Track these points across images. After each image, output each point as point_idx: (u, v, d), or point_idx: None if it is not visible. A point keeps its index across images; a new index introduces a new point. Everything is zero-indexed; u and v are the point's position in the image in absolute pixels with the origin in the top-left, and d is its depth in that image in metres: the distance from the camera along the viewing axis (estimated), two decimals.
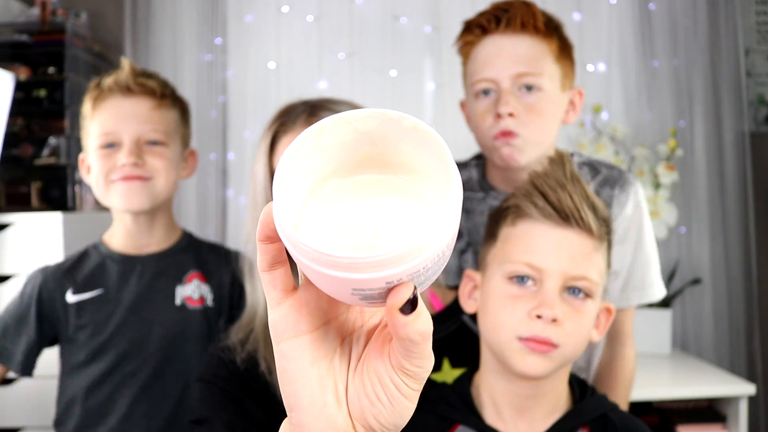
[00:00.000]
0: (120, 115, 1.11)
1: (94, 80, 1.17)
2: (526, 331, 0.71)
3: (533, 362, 0.71)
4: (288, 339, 0.38)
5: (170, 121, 1.17)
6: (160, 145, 1.13)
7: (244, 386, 0.87)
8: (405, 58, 2.30)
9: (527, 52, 1.02)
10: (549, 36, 1.04)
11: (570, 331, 0.71)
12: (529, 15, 1.03)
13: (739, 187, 2.27)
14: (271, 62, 2.32)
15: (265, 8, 2.32)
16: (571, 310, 0.71)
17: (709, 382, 1.86)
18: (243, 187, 2.31)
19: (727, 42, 2.27)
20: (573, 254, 0.71)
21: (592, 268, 0.71)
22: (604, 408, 0.79)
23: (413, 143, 0.37)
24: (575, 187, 0.72)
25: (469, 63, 1.08)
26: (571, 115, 1.13)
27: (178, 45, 2.26)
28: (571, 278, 0.71)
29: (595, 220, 0.72)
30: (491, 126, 1.03)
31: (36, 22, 2.08)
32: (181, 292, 1.14)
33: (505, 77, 1.02)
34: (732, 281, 2.27)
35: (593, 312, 0.73)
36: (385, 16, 2.32)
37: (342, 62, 2.32)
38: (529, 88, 1.02)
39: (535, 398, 0.76)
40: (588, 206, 0.71)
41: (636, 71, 2.31)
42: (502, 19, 1.02)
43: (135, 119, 1.12)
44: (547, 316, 0.70)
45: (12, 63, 1.99)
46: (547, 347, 0.70)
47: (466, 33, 1.08)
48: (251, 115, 2.31)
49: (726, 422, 1.88)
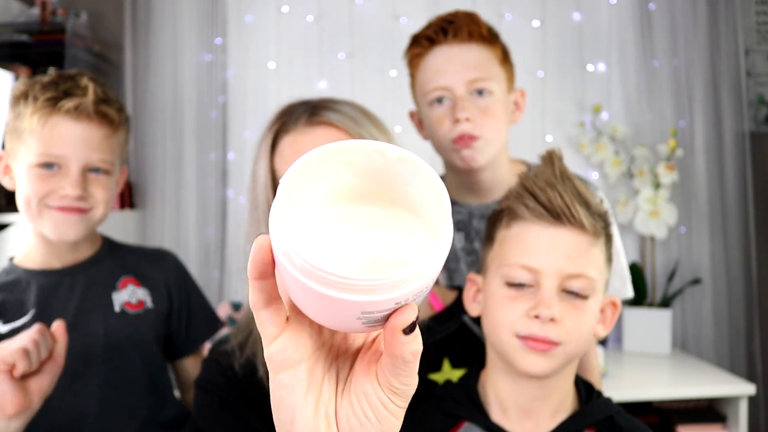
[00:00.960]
0: (71, 139, 1.02)
1: (42, 84, 1.04)
2: (524, 329, 0.72)
3: (534, 361, 0.71)
4: (286, 369, 0.39)
5: (118, 148, 1.09)
6: (104, 173, 1.06)
7: (242, 394, 0.87)
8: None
9: (476, 58, 1.09)
10: (493, 43, 1.12)
11: (570, 328, 0.71)
12: (474, 25, 1.10)
13: (739, 187, 2.27)
14: (271, 62, 2.32)
15: (265, 8, 2.32)
16: (570, 308, 0.71)
17: (709, 382, 1.86)
18: (243, 187, 2.31)
19: (727, 42, 2.27)
20: (568, 252, 0.71)
21: (589, 265, 0.71)
22: (610, 411, 0.79)
23: (400, 172, 0.39)
24: (565, 185, 0.72)
25: (420, 74, 1.14)
26: (518, 114, 1.20)
27: (178, 45, 2.26)
28: (568, 276, 0.71)
29: (589, 216, 0.71)
30: (449, 131, 1.09)
31: (36, 22, 2.08)
32: (118, 299, 1.08)
33: (459, 84, 1.08)
34: (732, 281, 2.27)
35: (595, 308, 0.73)
36: (385, 16, 2.32)
37: (342, 62, 2.32)
38: (480, 93, 1.09)
39: (540, 398, 0.76)
40: (580, 203, 0.71)
41: (636, 71, 2.31)
42: (449, 30, 1.10)
43: (86, 146, 1.02)
44: (544, 315, 0.70)
45: (12, 63, 1.99)
46: (546, 345, 0.71)
47: (414, 46, 1.15)
48: (251, 115, 2.31)
49: (726, 422, 1.88)
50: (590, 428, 0.76)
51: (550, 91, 2.34)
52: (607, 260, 0.75)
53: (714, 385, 1.84)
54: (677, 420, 1.89)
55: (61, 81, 1.04)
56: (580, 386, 0.81)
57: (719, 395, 1.83)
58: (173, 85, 2.26)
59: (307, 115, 0.84)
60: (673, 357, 2.12)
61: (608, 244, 0.76)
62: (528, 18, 2.33)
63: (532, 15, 2.34)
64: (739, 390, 1.80)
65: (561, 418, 0.77)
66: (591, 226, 0.71)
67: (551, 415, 0.77)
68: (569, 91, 2.35)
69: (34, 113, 1.02)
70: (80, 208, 1.02)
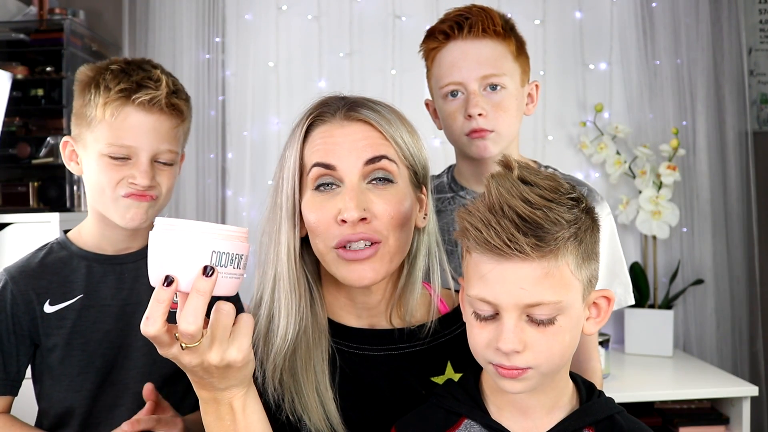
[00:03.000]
0: (142, 131, 1.04)
1: (112, 73, 1.05)
2: (493, 358, 0.72)
3: (510, 384, 0.72)
4: None
5: (183, 138, 1.13)
6: (168, 166, 1.09)
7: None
8: (405, 57, 2.29)
9: (490, 54, 1.12)
10: (507, 37, 1.14)
11: (539, 352, 0.70)
12: (489, 20, 1.12)
13: (742, 187, 2.26)
14: (271, 61, 2.31)
15: (264, 7, 2.31)
16: (537, 334, 0.70)
17: (712, 384, 1.85)
18: (242, 186, 2.30)
19: (729, 41, 2.26)
20: (521, 284, 0.69)
21: (547, 291, 0.69)
22: (611, 410, 0.78)
23: None
24: (504, 216, 0.68)
25: (435, 67, 1.17)
26: (531, 107, 1.23)
27: (177, 44, 2.25)
28: (526, 307, 0.69)
29: (537, 242, 0.67)
30: (462, 124, 1.13)
31: (34, 20, 2.07)
32: None
33: (472, 79, 1.11)
34: (734, 281, 2.26)
35: (567, 324, 0.71)
36: (385, 15, 2.31)
37: (342, 61, 2.31)
38: (494, 88, 1.12)
39: (534, 396, 0.76)
40: (524, 231, 0.67)
41: (638, 70, 2.30)
42: (464, 25, 1.12)
43: (155, 138, 1.05)
44: (504, 350, 0.70)
45: (9, 62, 1.98)
46: (517, 372, 0.71)
47: (429, 39, 1.17)
48: (250, 115, 2.30)
49: (729, 424, 1.87)
50: (589, 427, 0.76)
51: (551, 91, 2.33)
52: (582, 261, 0.71)
53: (716, 386, 1.83)
54: (679, 421, 1.89)
55: (133, 71, 1.06)
56: (581, 386, 0.81)
57: (721, 396, 1.83)
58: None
59: (345, 110, 0.85)
60: (675, 358, 2.11)
61: (584, 243, 0.71)
62: (529, 17, 2.32)
63: (534, 13, 2.33)
64: (742, 391, 1.79)
65: (558, 415, 0.77)
66: (540, 252, 0.68)
67: (547, 412, 0.77)
68: (570, 91, 2.34)
69: (107, 104, 1.03)
70: (150, 195, 1.06)
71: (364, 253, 0.80)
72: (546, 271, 0.69)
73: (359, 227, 0.80)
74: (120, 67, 1.07)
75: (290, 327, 0.84)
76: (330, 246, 0.81)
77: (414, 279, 0.89)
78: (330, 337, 0.88)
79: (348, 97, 0.89)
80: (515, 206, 0.68)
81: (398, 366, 0.88)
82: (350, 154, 0.82)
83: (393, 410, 0.86)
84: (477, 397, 0.79)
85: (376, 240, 0.81)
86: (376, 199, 0.81)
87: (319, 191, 0.83)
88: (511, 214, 0.68)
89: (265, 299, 0.88)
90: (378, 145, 0.83)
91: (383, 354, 0.89)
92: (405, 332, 0.90)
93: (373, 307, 0.90)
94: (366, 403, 0.87)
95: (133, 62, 1.09)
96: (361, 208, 0.79)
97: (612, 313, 0.79)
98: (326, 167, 0.82)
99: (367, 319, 0.91)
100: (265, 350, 0.86)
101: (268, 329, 0.87)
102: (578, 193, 0.73)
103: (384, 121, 0.85)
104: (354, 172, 0.81)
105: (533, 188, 0.70)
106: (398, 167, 0.84)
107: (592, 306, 0.76)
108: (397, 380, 0.88)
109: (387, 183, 0.83)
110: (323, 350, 0.86)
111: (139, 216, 1.06)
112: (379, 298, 0.89)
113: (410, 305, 0.89)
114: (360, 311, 0.90)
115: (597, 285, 0.76)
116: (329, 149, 0.82)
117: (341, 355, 0.87)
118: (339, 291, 0.89)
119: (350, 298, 0.89)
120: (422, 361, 0.89)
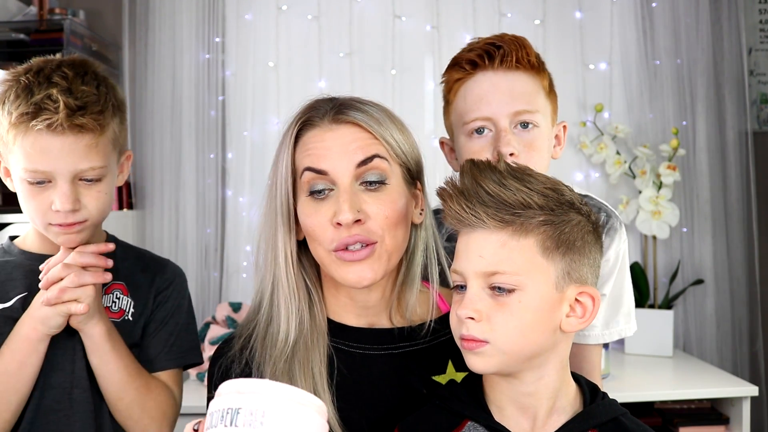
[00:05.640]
0: (53, 155, 0.95)
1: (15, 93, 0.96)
2: (458, 329, 0.76)
3: (472, 360, 0.75)
4: None
5: (108, 148, 1.01)
6: (96, 182, 1.00)
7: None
8: (405, 57, 2.29)
9: (523, 88, 1.02)
10: (541, 72, 1.05)
11: (497, 325, 0.73)
12: (523, 51, 1.02)
13: (742, 187, 2.26)
14: (271, 61, 2.31)
15: (264, 7, 2.31)
16: (495, 305, 0.73)
17: (712, 384, 1.85)
18: (242, 186, 2.30)
19: (729, 40, 2.26)
20: (480, 252, 0.74)
21: (504, 261, 0.73)
22: (615, 412, 0.78)
23: None
24: (471, 195, 0.74)
25: (458, 100, 1.05)
26: (558, 149, 1.12)
27: (177, 44, 2.25)
28: (485, 275, 0.73)
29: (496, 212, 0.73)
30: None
31: (34, 20, 2.07)
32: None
33: (504, 115, 1.01)
34: (735, 282, 2.26)
35: (529, 304, 0.73)
36: (385, 15, 2.31)
37: (342, 61, 2.31)
38: (525, 126, 1.02)
39: (533, 396, 0.77)
40: (485, 203, 0.73)
41: (638, 70, 2.30)
42: (496, 55, 1.01)
43: (71, 159, 0.96)
44: (461, 315, 0.74)
45: (9, 62, 1.97)
46: (475, 344, 0.73)
47: (453, 69, 1.06)
48: (250, 115, 2.30)
49: (729, 424, 1.87)
50: (593, 430, 0.76)
51: None
52: (556, 249, 0.73)
53: (716, 386, 1.83)
54: (679, 422, 1.88)
55: (36, 87, 0.96)
56: (585, 387, 0.81)
57: (721, 396, 1.83)
58: (172, 84, 2.25)
59: (334, 113, 0.85)
60: (675, 358, 2.11)
61: (565, 236, 0.73)
62: (529, 16, 2.32)
63: (533, 13, 2.32)
64: (742, 391, 1.79)
65: (563, 419, 0.77)
66: (498, 223, 0.73)
67: (548, 413, 0.77)
68: (570, 91, 2.34)
69: (10, 130, 0.96)
70: (75, 221, 0.99)
71: (360, 253, 0.81)
72: (504, 242, 0.73)
73: (354, 229, 0.81)
74: (26, 82, 0.97)
75: (291, 330, 0.85)
76: (329, 249, 0.83)
77: (413, 275, 0.90)
78: (330, 337, 0.88)
79: (337, 98, 0.89)
80: (484, 183, 0.74)
81: (399, 365, 0.89)
82: (341, 157, 0.82)
83: (394, 409, 0.86)
84: (480, 399, 0.80)
85: (371, 241, 0.82)
86: (370, 200, 0.82)
87: (313, 197, 0.84)
88: (478, 190, 0.74)
89: (263, 303, 0.89)
90: (368, 145, 0.84)
91: (384, 353, 0.89)
92: (405, 331, 0.90)
93: (374, 305, 0.90)
94: (367, 403, 0.87)
95: (42, 72, 0.98)
96: (355, 210, 0.80)
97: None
98: (318, 172, 0.83)
99: (368, 318, 0.91)
100: (263, 354, 0.87)
101: (267, 333, 0.88)
102: (580, 201, 0.76)
103: (373, 121, 0.85)
104: (346, 175, 0.82)
105: (514, 176, 0.75)
106: (390, 165, 0.85)
107: (576, 303, 0.76)
108: (398, 379, 0.88)
109: (379, 185, 0.84)
110: (321, 352, 0.86)
111: (72, 240, 1.00)
112: (379, 296, 0.90)
113: (410, 302, 0.90)
114: (360, 310, 0.90)
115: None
116: (320, 154, 0.83)
117: (341, 354, 0.88)
118: (339, 291, 0.90)
119: (350, 298, 0.90)
120: (423, 360, 0.89)
